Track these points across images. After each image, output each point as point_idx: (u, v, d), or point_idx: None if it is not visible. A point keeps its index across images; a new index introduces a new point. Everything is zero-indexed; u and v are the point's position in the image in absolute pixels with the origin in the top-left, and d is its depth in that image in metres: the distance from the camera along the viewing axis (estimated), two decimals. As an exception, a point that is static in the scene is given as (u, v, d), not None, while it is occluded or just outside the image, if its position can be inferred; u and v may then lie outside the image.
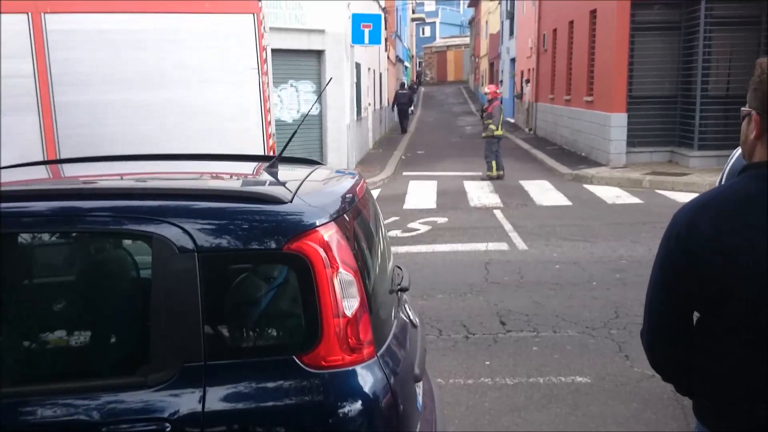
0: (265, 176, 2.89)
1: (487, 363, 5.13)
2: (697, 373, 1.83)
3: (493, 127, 14.72)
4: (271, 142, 7.28)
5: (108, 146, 6.15)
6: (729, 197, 1.73)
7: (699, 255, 1.71)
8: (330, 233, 2.22)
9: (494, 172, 14.69)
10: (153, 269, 2.17)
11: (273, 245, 2.18)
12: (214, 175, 3.18)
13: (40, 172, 3.19)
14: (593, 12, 17.38)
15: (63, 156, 6.26)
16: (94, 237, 2.34)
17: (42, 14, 6.31)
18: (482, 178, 14.70)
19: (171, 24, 6.75)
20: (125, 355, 2.26)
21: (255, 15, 7.01)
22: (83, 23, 6.50)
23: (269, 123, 7.21)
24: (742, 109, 1.81)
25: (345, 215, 2.44)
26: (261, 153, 7.03)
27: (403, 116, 29.65)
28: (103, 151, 5.47)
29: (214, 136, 6.78)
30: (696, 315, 1.84)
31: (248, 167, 3.32)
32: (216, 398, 2.10)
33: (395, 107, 30.43)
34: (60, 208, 2.28)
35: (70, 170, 3.31)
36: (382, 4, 26.13)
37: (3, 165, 3.29)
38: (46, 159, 6.07)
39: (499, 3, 41.45)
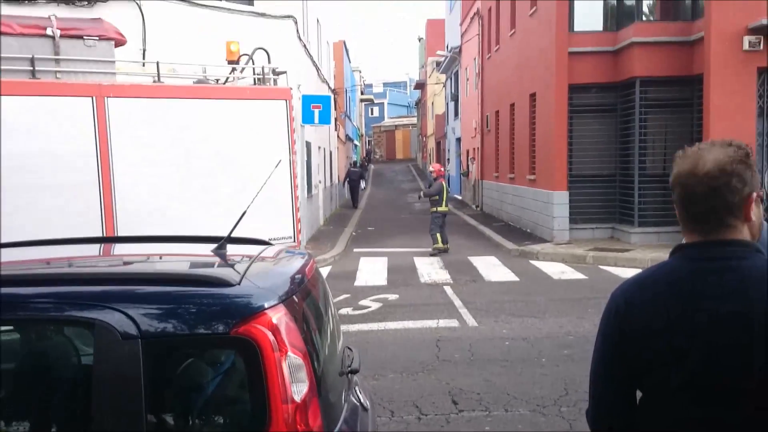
0: (214, 258, 2.87)
1: (440, 444, 5.04)
2: None
3: (440, 206, 15.15)
4: (298, 215, 8.20)
5: (159, 221, 6.91)
6: (661, 277, 1.81)
7: (635, 333, 1.77)
8: (278, 316, 2.21)
9: (440, 244, 15.04)
10: (95, 357, 2.11)
11: (220, 329, 2.15)
12: (162, 257, 3.14)
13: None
14: (533, 95, 18.13)
15: (120, 231, 6.84)
16: (35, 324, 2.26)
17: (105, 98, 6.89)
18: (431, 254, 14.85)
19: (217, 108, 7.54)
20: (63, 447, 2.16)
21: (287, 101, 8.03)
22: (141, 107, 7.10)
23: (297, 198, 8.18)
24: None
25: (294, 296, 2.43)
26: (288, 226, 8.02)
27: (355, 192, 31.08)
28: (154, 226, 6.68)
29: (250, 210, 7.19)
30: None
31: (197, 249, 3.29)
32: (158, 492, 2.01)
33: (347, 183, 31.45)
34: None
35: (19, 254, 3.22)
36: (332, 85, 26.76)
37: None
38: (104, 230, 6.79)
39: (444, 86, 42.92)
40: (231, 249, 3.00)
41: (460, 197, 33.97)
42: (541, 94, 17.18)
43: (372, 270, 13.10)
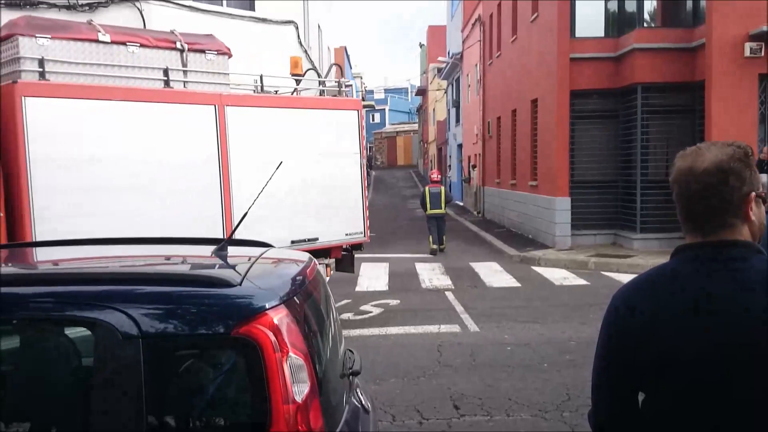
0: (215, 259, 2.87)
1: (441, 449, 5.02)
2: None
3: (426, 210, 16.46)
4: (367, 213, 9.40)
5: (271, 223, 7.54)
6: (661, 279, 1.80)
7: (636, 336, 1.76)
8: (280, 316, 2.20)
9: (430, 245, 15.99)
10: (95, 356, 2.10)
11: (221, 329, 2.14)
12: (164, 258, 3.13)
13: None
14: (534, 101, 18.14)
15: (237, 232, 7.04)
16: (35, 324, 2.25)
17: (225, 107, 7.67)
18: (431, 254, 15.07)
19: (308, 117, 8.59)
20: (63, 447, 2.14)
21: (358, 111, 9.31)
22: (253, 116, 7.96)
23: (367, 197, 9.33)
24: None
25: (295, 298, 2.42)
26: (360, 222, 9.17)
27: None
28: (266, 228, 7.11)
29: (333, 204, 8.70)
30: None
31: (199, 250, 3.29)
32: (158, 492, 1.99)
33: None
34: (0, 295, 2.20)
35: (22, 253, 3.22)
36: (333, 91, 26.76)
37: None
38: (224, 232, 7.38)
39: (445, 92, 42.98)
40: (232, 251, 3.00)
41: (461, 203, 33.96)
42: (543, 100, 17.19)
43: (373, 275, 13.08)
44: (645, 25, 15.62)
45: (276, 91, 9.03)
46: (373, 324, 9.06)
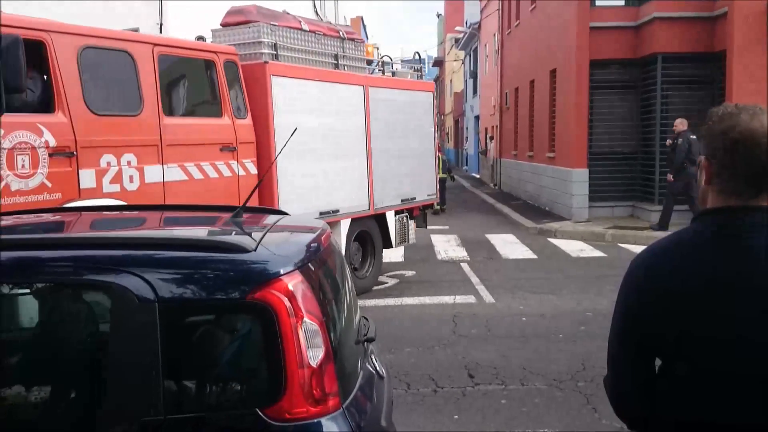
0: (230, 225, 2.87)
1: (456, 417, 5.06)
2: (660, 420, 1.83)
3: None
4: (449, 176, 12.33)
5: (392, 185, 9.64)
6: (681, 246, 1.77)
7: (656, 302, 1.74)
8: (294, 282, 2.20)
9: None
10: (112, 320, 2.12)
11: (236, 294, 2.15)
12: (180, 224, 3.15)
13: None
14: (553, 71, 17.91)
15: (375, 193, 9.28)
16: (53, 287, 2.28)
17: (368, 87, 9.16)
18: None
19: (408, 96, 10.22)
20: (83, 409, 2.18)
21: (432, 92, 11.11)
22: (385, 94, 9.57)
23: (446, 165, 11.74)
24: (699, 157, 1.87)
25: (310, 264, 2.43)
26: (433, 186, 10.87)
27: None
28: (391, 188, 9.59)
29: (417, 170, 10.32)
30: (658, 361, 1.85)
31: (215, 216, 3.30)
32: (176, 453, 2.03)
33: None
34: (17, 258, 2.22)
35: (40, 219, 3.25)
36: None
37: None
38: (368, 193, 9.10)
39: (463, 63, 42.57)
40: (248, 218, 3.01)
41: (478, 176, 33.83)
42: (562, 70, 16.97)
43: (389, 247, 13.09)
44: (666, -8, 15.30)
45: (393, 73, 10.69)
46: (389, 295, 9.10)
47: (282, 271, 2.20)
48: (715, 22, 14.01)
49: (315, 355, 2.16)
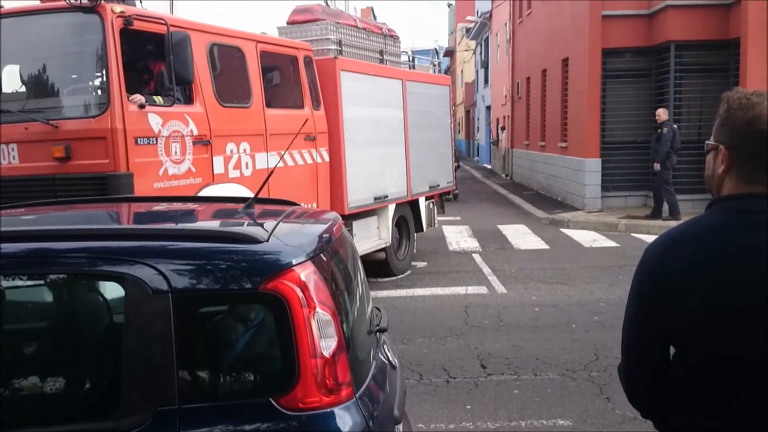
0: (242, 217, 2.88)
1: (468, 407, 5.06)
2: (675, 408, 1.82)
3: None
4: (455, 164, 12.36)
5: (423, 174, 10.28)
6: (698, 231, 1.75)
7: (671, 290, 1.72)
8: (307, 272, 2.21)
9: None
10: (126, 311, 2.13)
11: (249, 285, 2.15)
12: (193, 215, 3.16)
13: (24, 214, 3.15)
14: (565, 60, 17.78)
15: (412, 180, 9.94)
16: (67, 279, 2.29)
17: (406, 81, 9.81)
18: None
19: (431, 90, 10.83)
20: (98, 399, 2.20)
21: (449, 86, 11.84)
22: (417, 88, 10.19)
23: (454, 154, 12.11)
24: (707, 142, 1.83)
25: (322, 255, 2.43)
26: (450, 175, 11.53)
27: None
28: (422, 175, 10.25)
29: (433, 160, 10.76)
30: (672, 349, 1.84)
31: (226, 208, 3.31)
32: (191, 442, 2.04)
33: None
34: (31, 250, 2.24)
35: (54, 211, 3.27)
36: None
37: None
38: (406, 180, 9.72)
39: (474, 53, 42.36)
40: (259, 209, 3.01)
41: (489, 166, 33.72)
42: (574, 59, 16.85)
43: (401, 238, 13.09)
44: (679, -20, 15.14)
45: (412, 66, 11.11)
46: (401, 286, 9.10)
47: (294, 262, 2.20)
48: (729, 9, 13.85)
49: (328, 345, 2.16)
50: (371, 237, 9.11)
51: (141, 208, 3.34)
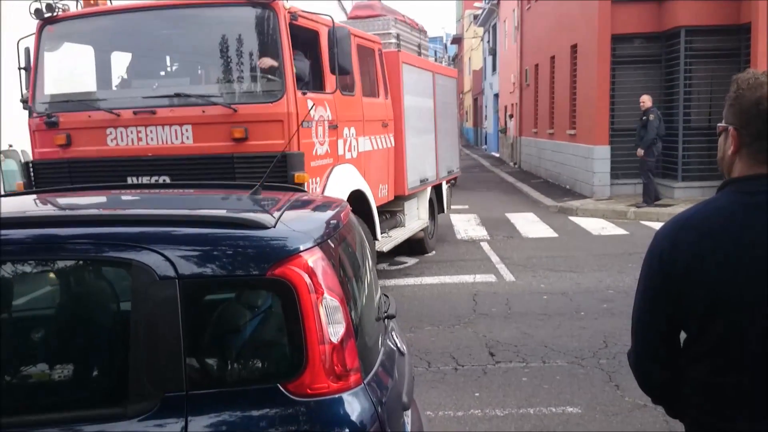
0: (249, 202, 2.87)
1: (477, 394, 5.06)
2: (685, 393, 1.80)
3: None
4: (457, 150, 12.89)
5: (446, 162, 11.16)
6: (710, 214, 1.72)
7: (682, 274, 1.70)
8: (314, 258, 2.19)
9: None
10: (133, 297, 2.12)
11: (256, 271, 2.14)
12: (200, 201, 3.14)
13: (30, 201, 3.15)
14: (574, 47, 17.65)
15: (440, 166, 10.68)
16: (73, 265, 2.29)
17: (435, 73, 10.60)
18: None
19: (445, 81, 11.33)
20: (105, 385, 2.19)
21: (456, 80, 12.71)
22: (441, 80, 10.91)
23: (461, 143, 12.37)
24: (719, 125, 1.81)
25: (329, 241, 2.41)
26: (457, 161, 12.16)
27: None
28: (445, 158, 10.98)
29: (449, 147, 11.47)
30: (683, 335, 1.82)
31: (233, 194, 3.29)
32: (199, 428, 2.03)
33: None
34: (38, 236, 2.23)
35: (59, 197, 3.27)
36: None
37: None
38: (435, 165, 10.38)
39: (482, 40, 42.12)
40: (266, 195, 3.00)
41: (497, 154, 33.60)
42: (583, 45, 16.72)
43: (409, 226, 13.07)
44: (690, -36, 14.96)
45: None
46: (409, 274, 9.10)
47: (302, 248, 2.18)
48: (741, -7, 13.69)
49: (336, 331, 2.15)
50: (415, 218, 9.98)
51: (148, 194, 3.33)
